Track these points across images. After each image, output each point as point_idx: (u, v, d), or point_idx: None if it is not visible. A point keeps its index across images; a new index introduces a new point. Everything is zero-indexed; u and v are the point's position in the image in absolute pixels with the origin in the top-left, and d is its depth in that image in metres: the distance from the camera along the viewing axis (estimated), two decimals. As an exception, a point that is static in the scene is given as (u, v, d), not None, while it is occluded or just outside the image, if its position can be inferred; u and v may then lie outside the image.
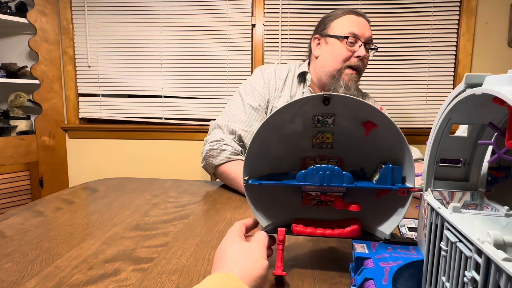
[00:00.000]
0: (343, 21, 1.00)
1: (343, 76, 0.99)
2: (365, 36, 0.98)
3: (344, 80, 0.99)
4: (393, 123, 0.42)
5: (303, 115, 0.46)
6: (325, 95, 0.42)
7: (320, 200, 0.49)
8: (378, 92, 1.75)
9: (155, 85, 1.84)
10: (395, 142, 0.43)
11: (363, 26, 0.99)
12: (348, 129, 0.47)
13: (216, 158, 0.91)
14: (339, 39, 0.99)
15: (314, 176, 0.43)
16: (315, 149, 0.49)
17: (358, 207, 0.45)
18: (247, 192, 0.45)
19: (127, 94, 1.89)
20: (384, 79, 1.75)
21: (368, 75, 1.74)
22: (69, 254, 0.51)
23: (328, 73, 1.02)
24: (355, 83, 1.00)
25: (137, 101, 1.86)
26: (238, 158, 0.90)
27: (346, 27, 0.99)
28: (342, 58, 0.99)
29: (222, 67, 1.79)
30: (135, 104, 1.87)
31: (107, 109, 1.89)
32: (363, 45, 0.98)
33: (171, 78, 1.83)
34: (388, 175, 0.43)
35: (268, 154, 0.48)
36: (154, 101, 1.86)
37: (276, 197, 0.50)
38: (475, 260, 0.26)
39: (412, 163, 0.42)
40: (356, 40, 0.98)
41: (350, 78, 0.99)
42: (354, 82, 0.99)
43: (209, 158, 0.92)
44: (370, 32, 1.00)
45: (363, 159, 0.48)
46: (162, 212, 0.71)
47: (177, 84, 1.83)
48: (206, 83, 1.81)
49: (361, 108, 0.43)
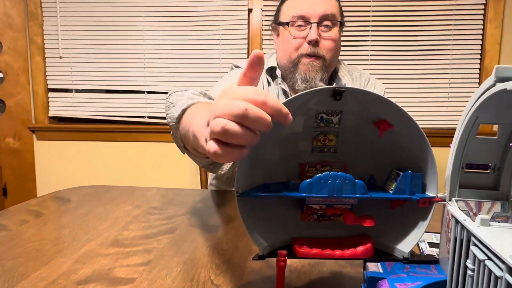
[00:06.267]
0: (289, 3, 0.99)
1: (299, 66, 0.97)
2: (316, 14, 0.95)
3: (301, 70, 0.97)
4: (414, 122, 0.42)
5: (305, 112, 0.46)
6: (337, 88, 0.42)
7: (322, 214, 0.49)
8: (393, 87, 1.76)
9: (137, 79, 1.84)
10: (416, 145, 0.43)
11: (312, 4, 0.95)
12: (356, 129, 0.47)
13: (176, 105, 0.73)
14: (285, 27, 0.98)
15: (322, 186, 0.42)
16: (315, 153, 0.49)
17: (373, 221, 0.45)
18: (240, 207, 0.45)
19: (104, 89, 1.89)
20: (400, 73, 1.76)
21: (381, 67, 1.75)
22: (36, 274, 0.51)
23: (285, 67, 1.02)
24: (321, 71, 0.97)
25: (116, 98, 1.86)
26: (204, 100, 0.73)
27: (291, 10, 0.97)
28: (293, 48, 0.97)
29: (214, 58, 1.79)
30: (114, 100, 1.86)
31: (81, 106, 1.88)
32: (316, 26, 0.95)
33: (155, 71, 1.83)
34: (408, 184, 0.43)
35: (262, 159, 0.48)
36: (136, 97, 1.86)
37: (272, 212, 0.50)
38: (506, 280, 0.26)
39: (435, 169, 0.42)
40: (306, 23, 0.96)
41: (307, 67, 0.96)
42: (316, 70, 0.97)
43: (169, 109, 0.75)
44: (324, 7, 0.95)
45: (373, 165, 0.48)
46: (145, 226, 0.71)
47: (162, 77, 1.83)
48: (195, 76, 1.81)
49: (377, 104, 0.43)
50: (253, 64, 0.39)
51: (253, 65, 0.40)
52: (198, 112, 0.59)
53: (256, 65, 0.39)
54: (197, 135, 0.51)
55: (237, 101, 0.35)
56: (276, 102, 0.36)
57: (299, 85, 0.98)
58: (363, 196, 0.43)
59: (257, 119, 0.34)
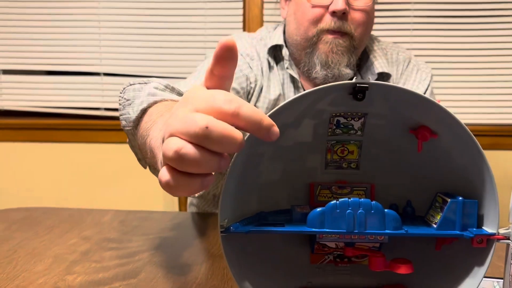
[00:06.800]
0: None
1: (319, 46, 0.97)
2: None
3: (321, 51, 0.97)
4: (467, 130, 0.42)
5: (316, 116, 0.46)
6: (358, 83, 0.42)
7: (341, 255, 0.49)
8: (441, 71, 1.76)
9: (90, 56, 1.84)
10: (468, 161, 0.43)
11: None
12: (385, 138, 0.47)
13: (133, 103, 0.73)
14: None
15: (338, 217, 0.43)
16: (330, 170, 0.49)
17: (410, 267, 0.45)
18: (225, 247, 0.45)
19: (43, 70, 1.88)
20: (452, 53, 1.76)
21: (426, 45, 1.75)
22: None
23: (298, 46, 1.01)
24: (348, 53, 0.97)
25: (60, 81, 1.86)
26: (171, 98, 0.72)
27: None
28: (310, 20, 0.96)
29: (197, 28, 1.79)
30: (57, 86, 1.86)
31: (10, 94, 1.88)
32: None
33: (114, 46, 1.83)
34: (458, 214, 0.43)
35: (258, 179, 0.48)
36: (89, 81, 1.86)
37: (271, 252, 0.50)
38: None
39: (496, 194, 0.42)
40: None
41: (330, 48, 0.96)
42: (342, 52, 0.97)
43: (124, 108, 0.76)
44: None
45: (410, 188, 0.48)
46: (96, 267, 0.70)
47: (125, 55, 1.83)
48: (170, 54, 1.81)
49: (415, 104, 0.43)
50: (221, 58, 0.39)
51: (220, 59, 0.39)
52: (160, 118, 0.58)
53: (226, 59, 0.39)
54: (154, 152, 0.51)
55: (196, 116, 0.34)
56: (254, 113, 0.36)
57: (318, 72, 0.98)
58: (395, 233, 0.43)
59: (222, 140, 0.34)
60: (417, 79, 1.09)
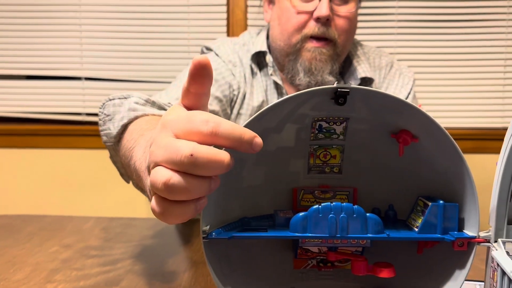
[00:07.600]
0: None
1: (302, 53, 0.98)
2: None
3: (305, 59, 0.98)
4: (447, 134, 0.42)
5: (298, 120, 0.46)
6: (339, 88, 0.42)
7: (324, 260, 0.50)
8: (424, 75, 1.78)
9: (71, 60, 1.83)
10: (449, 165, 0.44)
11: None
12: (367, 142, 0.47)
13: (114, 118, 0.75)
14: None
15: (320, 222, 0.43)
16: (313, 174, 0.49)
17: (391, 271, 0.45)
18: (208, 253, 0.45)
19: (22, 74, 1.87)
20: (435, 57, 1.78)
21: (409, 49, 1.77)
22: None
23: (282, 52, 1.02)
24: (331, 60, 0.99)
25: (40, 86, 1.85)
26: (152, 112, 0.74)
27: None
28: (294, 26, 0.97)
29: (181, 32, 1.79)
30: (37, 91, 1.85)
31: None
32: None
33: (96, 50, 1.82)
34: (439, 218, 0.44)
35: (240, 184, 0.48)
36: (70, 85, 1.84)
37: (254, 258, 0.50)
38: None
39: (476, 197, 0.43)
40: None
41: (314, 55, 0.97)
42: (325, 60, 0.98)
43: (105, 124, 0.78)
44: None
45: (392, 191, 0.49)
46: (77, 275, 0.70)
47: (106, 60, 1.82)
48: (153, 58, 1.81)
49: (396, 109, 0.44)
50: (196, 76, 0.39)
51: (195, 77, 0.39)
52: (142, 137, 0.58)
53: (200, 77, 0.39)
54: (140, 176, 0.50)
55: (179, 143, 0.35)
56: (233, 129, 0.36)
57: (301, 79, 0.99)
58: (377, 237, 0.43)
59: (209, 164, 0.35)
60: (400, 83, 1.10)
